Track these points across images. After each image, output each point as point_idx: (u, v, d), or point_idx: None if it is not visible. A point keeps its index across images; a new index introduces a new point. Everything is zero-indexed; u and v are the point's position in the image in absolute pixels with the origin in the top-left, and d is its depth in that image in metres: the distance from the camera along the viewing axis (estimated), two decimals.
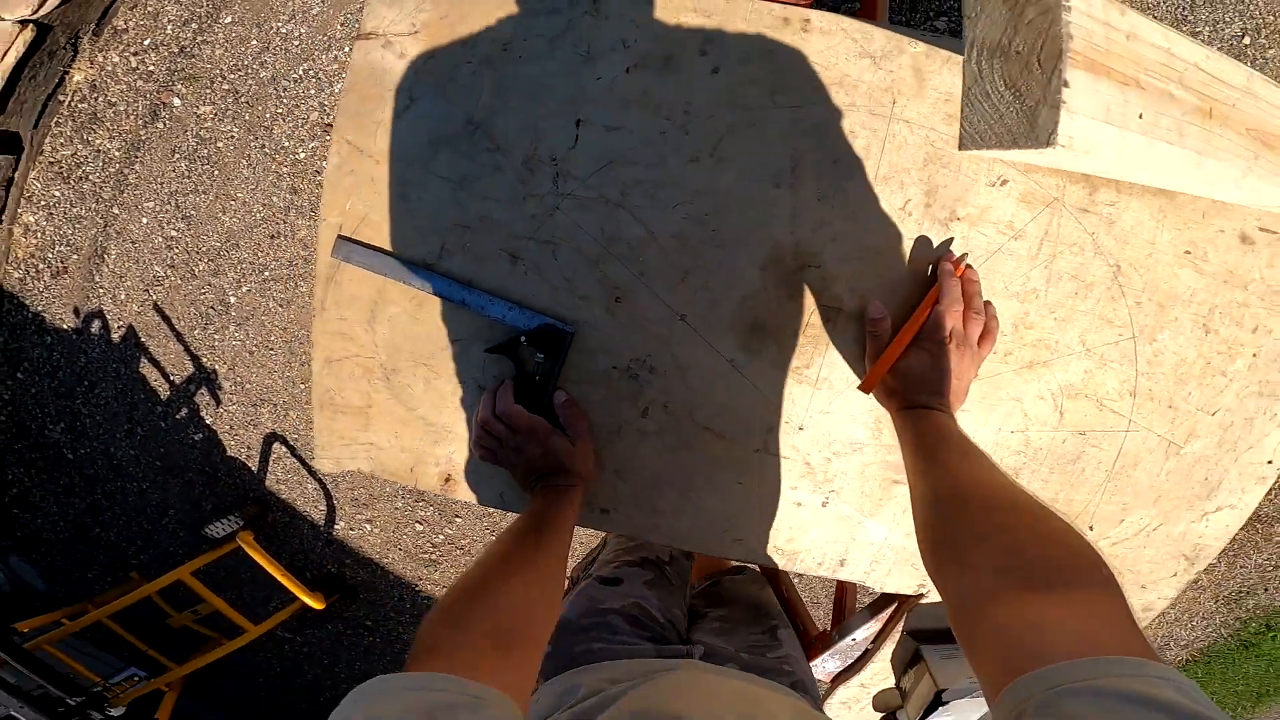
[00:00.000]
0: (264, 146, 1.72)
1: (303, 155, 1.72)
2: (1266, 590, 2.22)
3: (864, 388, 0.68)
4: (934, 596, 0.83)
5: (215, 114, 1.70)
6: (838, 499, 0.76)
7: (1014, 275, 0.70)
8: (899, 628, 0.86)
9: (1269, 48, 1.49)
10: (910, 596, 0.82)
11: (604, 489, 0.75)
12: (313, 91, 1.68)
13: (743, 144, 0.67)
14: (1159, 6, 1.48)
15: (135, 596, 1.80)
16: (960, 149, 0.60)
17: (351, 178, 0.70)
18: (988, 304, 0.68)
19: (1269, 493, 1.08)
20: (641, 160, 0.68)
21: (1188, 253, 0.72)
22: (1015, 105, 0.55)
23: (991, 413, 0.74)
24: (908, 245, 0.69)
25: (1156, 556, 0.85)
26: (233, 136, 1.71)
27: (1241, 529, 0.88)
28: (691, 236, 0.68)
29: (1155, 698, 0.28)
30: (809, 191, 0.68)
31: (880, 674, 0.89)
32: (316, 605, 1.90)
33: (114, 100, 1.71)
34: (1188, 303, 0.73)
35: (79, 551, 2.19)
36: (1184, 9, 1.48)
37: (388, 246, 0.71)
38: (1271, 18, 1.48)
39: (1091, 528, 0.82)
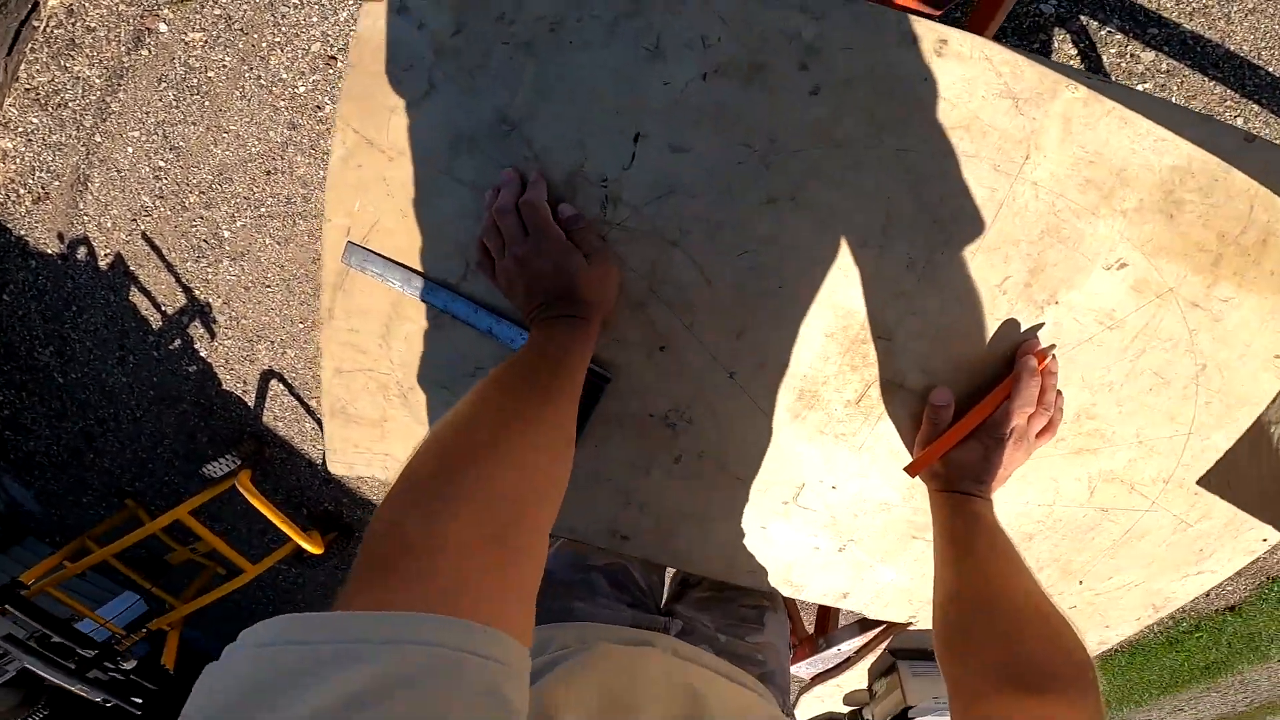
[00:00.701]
0: (259, 78, 1.40)
1: (302, 89, 1.41)
2: (1206, 596, 2.22)
3: (911, 470, 0.55)
4: (923, 624, 0.79)
5: (205, 41, 1.37)
6: (855, 547, 0.69)
7: (1095, 367, 0.58)
8: (882, 645, 0.85)
9: None
10: (900, 623, 0.80)
11: (627, 519, 0.66)
12: (315, 19, 1.34)
13: (831, 189, 0.49)
14: None
15: (136, 536, 1.61)
16: (1199, 483, 0.46)
17: (359, 174, 0.53)
18: (1058, 395, 0.57)
19: None
20: (707, 193, 0.50)
21: (1277, 357, 0.60)
22: None
23: (1026, 488, 0.65)
24: (992, 328, 0.54)
25: (1129, 605, 0.82)
26: (225, 66, 1.39)
27: None
28: (752, 289, 0.52)
29: None
30: (898, 254, 0.52)
31: (856, 675, 0.89)
32: (314, 549, 1.72)
33: (93, 25, 1.37)
34: (1256, 405, 0.62)
35: (73, 476, 2.01)
36: None
37: (403, 259, 0.55)
38: None
39: (1081, 582, 0.78)
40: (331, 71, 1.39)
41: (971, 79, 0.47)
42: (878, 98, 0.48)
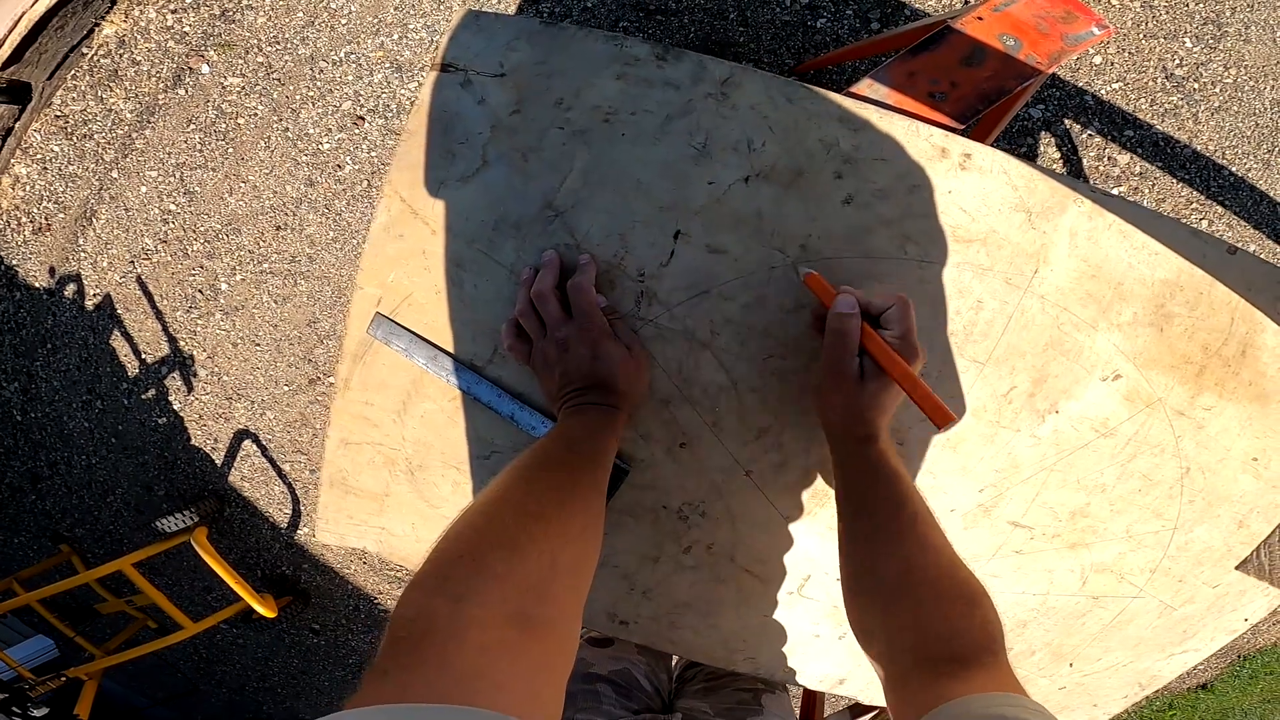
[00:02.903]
0: (287, 130, 1.42)
1: (326, 146, 1.43)
2: (1179, 677, 2.32)
3: (940, 419, 0.46)
4: None
5: (243, 87, 1.39)
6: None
7: (1089, 470, 0.63)
8: None
9: None
10: None
11: (629, 605, 0.67)
12: (350, 78, 1.37)
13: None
14: (1265, 113, 1.32)
15: (70, 584, 1.53)
16: (1238, 569, 0.51)
17: (400, 244, 0.54)
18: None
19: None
20: (740, 297, 0.54)
21: (1255, 460, 0.67)
22: None
23: (1021, 579, 0.70)
24: (997, 434, 0.58)
25: (1116, 684, 0.87)
26: (256, 114, 1.41)
27: None
28: (775, 394, 0.55)
29: (1011, 715, 0.35)
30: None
31: None
32: (268, 613, 1.64)
33: (139, 59, 1.38)
34: (1235, 503, 0.69)
35: (9, 515, 1.91)
36: None
37: (433, 336, 0.57)
38: None
39: (1071, 664, 0.83)
40: (357, 132, 1.42)
41: (989, 192, 0.53)
42: (905, 209, 0.52)
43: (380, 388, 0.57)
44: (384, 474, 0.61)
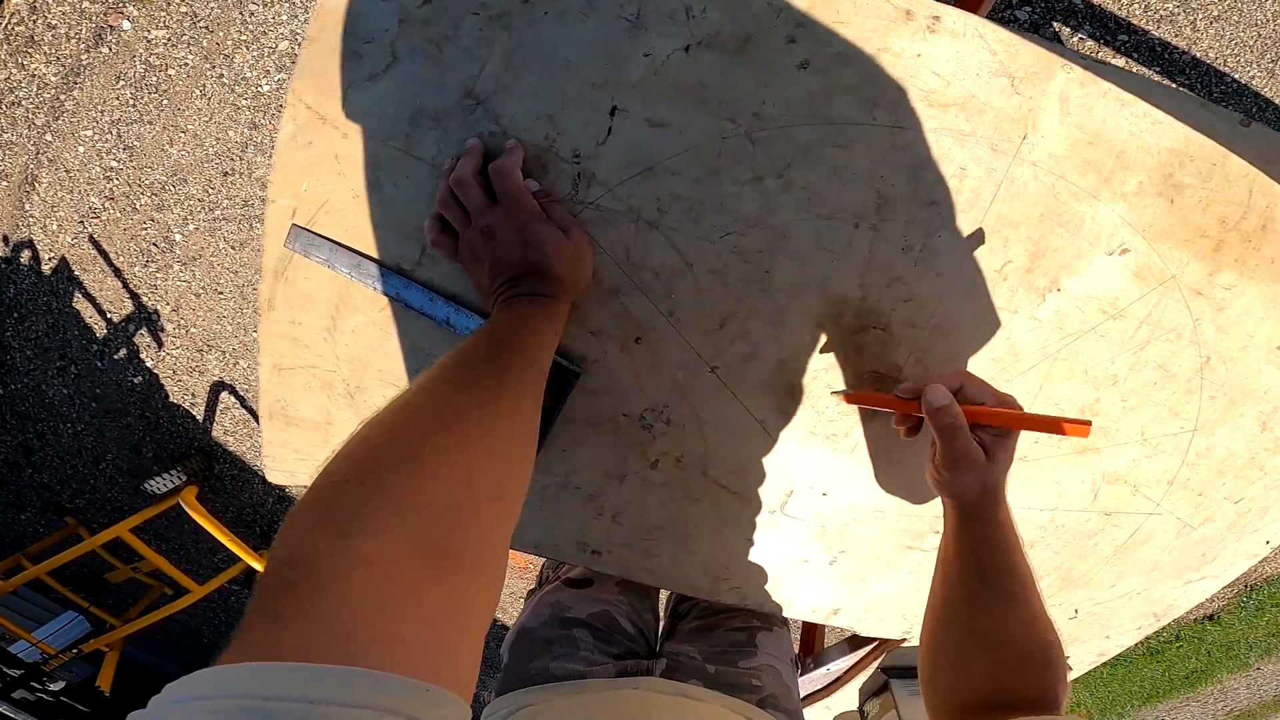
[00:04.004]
0: (222, 76, 1.37)
1: (266, 88, 1.38)
2: None
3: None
4: (916, 640, 0.77)
5: (169, 39, 1.34)
6: (846, 558, 0.67)
7: (1098, 359, 0.56)
8: (874, 664, 0.82)
9: None
10: (893, 640, 0.77)
11: (598, 530, 0.63)
12: (284, 17, 1.32)
13: (822, 168, 0.48)
14: (1268, 24, 1.23)
15: (73, 554, 1.56)
16: None
17: (310, 151, 0.49)
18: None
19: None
20: (688, 171, 0.48)
21: (1279, 348, 0.60)
22: None
23: (1028, 492, 0.64)
24: (994, 316, 0.53)
25: (1130, 614, 0.81)
26: (187, 64, 1.36)
27: None
28: (737, 275, 0.50)
29: None
30: (892, 238, 0.50)
31: (846, 696, 0.86)
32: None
33: (54, 23, 1.34)
34: (1259, 400, 0.62)
35: (11, 492, 1.93)
36: None
37: (354, 243, 0.52)
38: None
39: (1082, 591, 0.76)
40: None
41: (965, 57, 0.46)
42: (870, 74, 0.46)
43: (306, 304, 0.52)
44: (323, 399, 0.56)
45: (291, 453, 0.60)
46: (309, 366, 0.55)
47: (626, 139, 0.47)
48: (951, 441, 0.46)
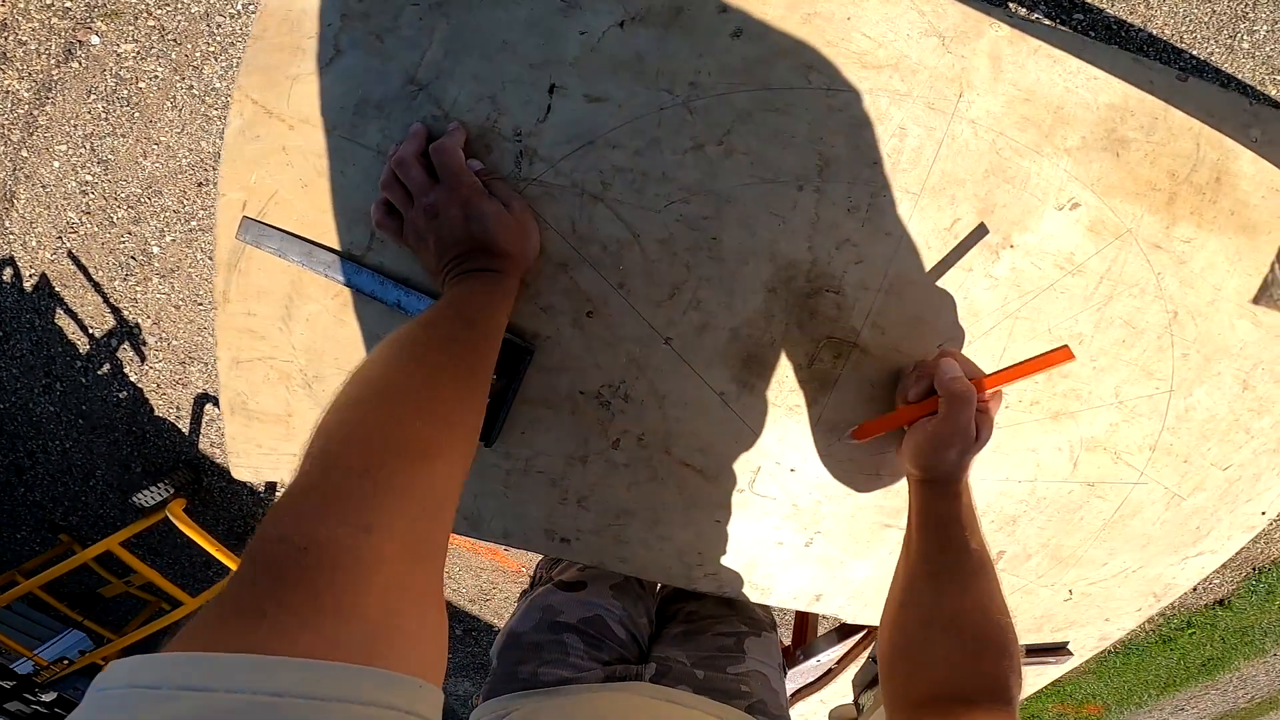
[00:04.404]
0: (192, 88, 1.40)
1: None
2: (1195, 591, 2.21)
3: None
4: None
5: (138, 52, 1.38)
6: (823, 540, 0.65)
7: (1061, 317, 0.56)
8: (865, 653, 0.79)
9: None
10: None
11: (565, 517, 0.62)
12: (251, 28, 1.37)
13: (761, 132, 0.48)
14: (1220, 1, 1.26)
15: (65, 567, 1.57)
16: (1255, 301, 0.45)
17: (257, 145, 0.50)
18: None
19: None
20: (629, 144, 0.48)
21: (1253, 301, 0.59)
22: None
23: (1003, 462, 0.62)
24: (947, 274, 0.53)
25: (1128, 594, 0.77)
26: (157, 76, 1.40)
27: None
28: (684, 244, 0.50)
29: None
30: (837, 199, 0.51)
31: (839, 689, 0.82)
32: None
33: (24, 39, 1.38)
34: (1235, 357, 0.60)
35: (5, 511, 1.95)
36: (1247, 5, 1.27)
37: (305, 231, 0.52)
38: None
39: (1074, 569, 0.74)
40: None
41: (894, 18, 0.47)
42: (802, 38, 0.47)
43: (260, 295, 0.53)
44: (282, 391, 0.56)
45: (255, 447, 0.59)
46: (266, 358, 0.55)
47: (567, 115, 0.48)
48: (960, 412, 0.47)
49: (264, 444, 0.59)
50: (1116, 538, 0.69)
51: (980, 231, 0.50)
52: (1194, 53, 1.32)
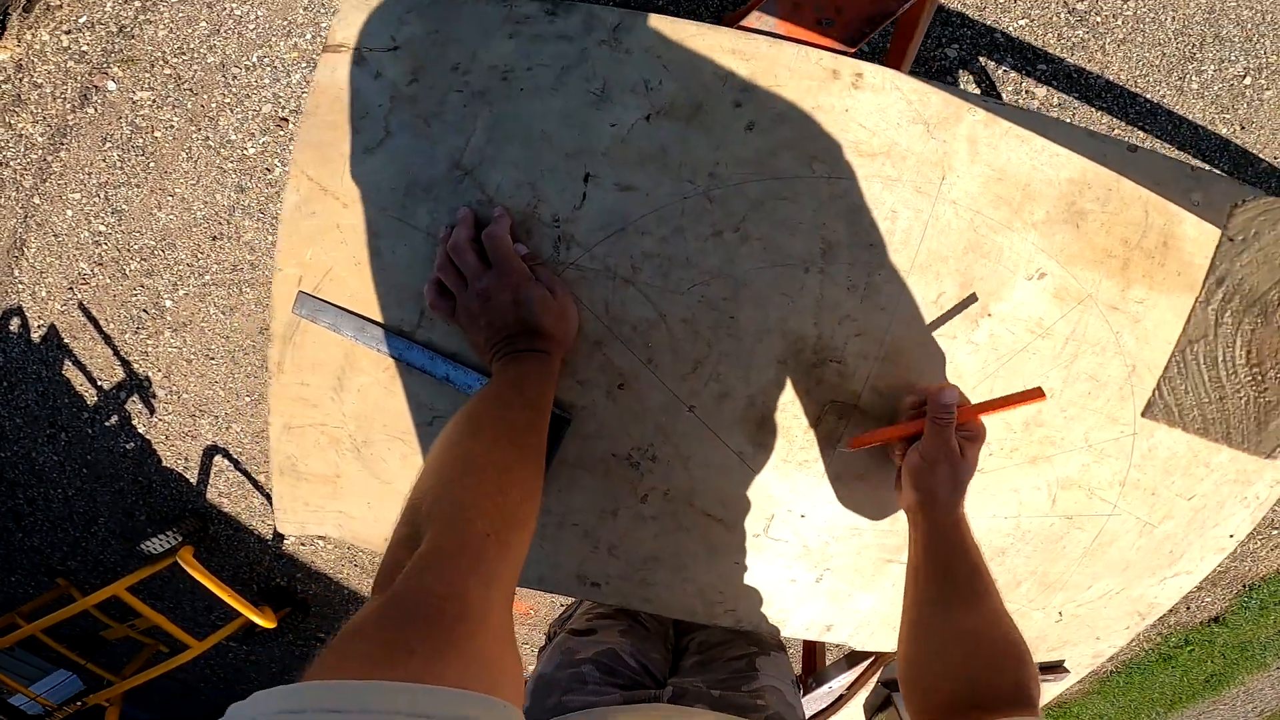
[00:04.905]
0: (208, 139, 1.41)
1: (251, 150, 1.42)
2: (1188, 609, 2.28)
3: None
4: None
5: (154, 100, 1.39)
6: (831, 576, 0.70)
7: (1034, 375, 0.62)
8: (874, 678, 0.84)
9: (1267, 88, 1.40)
10: (889, 653, 0.79)
11: (596, 564, 0.66)
12: (266, 81, 1.37)
13: (772, 219, 0.54)
14: (1170, 43, 1.36)
15: (69, 611, 1.57)
16: (1144, 415, 0.50)
17: (313, 221, 0.55)
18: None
19: None
20: (656, 230, 0.55)
21: None
22: (1247, 391, 0.39)
23: (990, 501, 0.68)
24: (935, 342, 0.58)
25: (1114, 614, 0.84)
26: (172, 126, 1.40)
27: None
28: (705, 323, 0.55)
29: None
30: (838, 279, 0.57)
31: (852, 714, 0.87)
32: (267, 624, 1.69)
33: (40, 82, 1.38)
34: None
35: (0, 555, 1.93)
36: (1194, 46, 1.37)
37: (357, 307, 0.57)
38: (1275, 58, 1.37)
39: (1061, 593, 0.80)
40: (282, 134, 1.42)
41: (885, 108, 0.54)
42: (806, 131, 0.53)
43: (313, 367, 0.57)
44: (331, 455, 0.60)
45: (302, 505, 0.63)
46: (318, 425, 0.59)
47: (600, 203, 0.54)
48: (944, 429, 0.53)
49: (311, 502, 0.63)
50: (1098, 563, 0.76)
51: (970, 299, 0.57)
52: (1148, 96, 1.42)
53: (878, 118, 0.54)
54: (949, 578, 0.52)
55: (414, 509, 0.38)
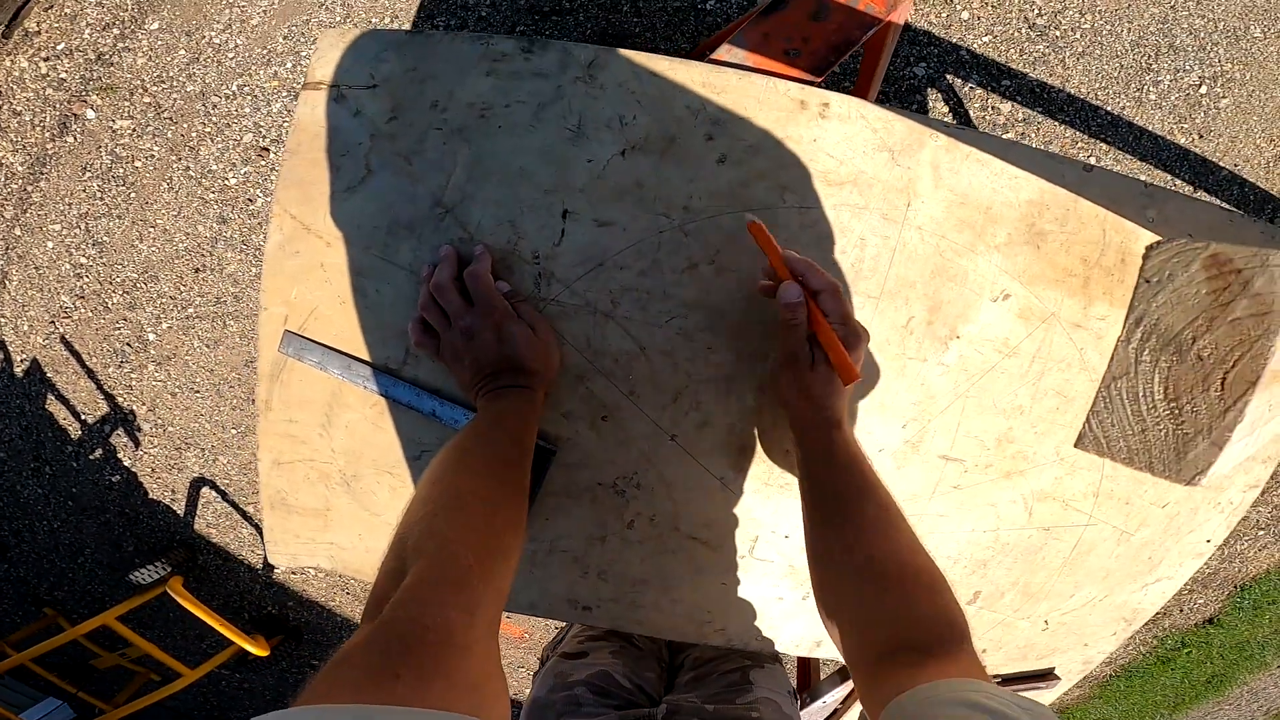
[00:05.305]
0: (188, 169, 1.41)
1: (233, 180, 1.42)
2: (1182, 611, 2.30)
3: (846, 375, 0.49)
4: None
5: (133, 129, 1.39)
6: None
7: (1003, 393, 0.64)
8: None
9: (1223, 96, 1.43)
10: None
11: (586, 588, 0.67)
12: (247, 110, 1.38)
13: (746, 251, 0.56)
14: (1127, 55, 1.40)
15: (59, 641, 1.56)
16: (1077, 446, 0.51)
17: (297, 260, 0.56)
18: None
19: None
20: (634, 265, 0.56)
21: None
22: (1166, 424, 0.41)
23: (967, 516, 0.70)
24: (905, 367, 0.60)
25: (1100, 621, 0.85)
26: (153, 155, 1.40)
27: None
28: (683, 354, 0.57)
29: (974, 700, 0.34)
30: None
31: None
32: (259, 652, 1.69)
33: (19, 109, 1.38)
34: None
35: None
36: (1149, 57, 1.40)
37: (343, 346, 0.58)
38: (1229, 65, 1.41)
39: (1045, 603, 0.81)
40: (263, 163, 1.42)
41: (851, 136, 0.56)
42: (777, 161, 0.55)
43: (301, 404, 0.58)
44: (321, 489, 0.61)
45: (293, 537, 0.64)
46: (306, 460, 0.60)
47: (578, 239, 0.55)
48: (786, 339, 0.50)
49: (301, 534, 0.63)
50: (1078, 572, 0.77)
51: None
52: (1108, 108, 1.45)
53: (845, 146, 0.56)
54: (832, 497, 0.49)
55: (400, 542, 0.39)
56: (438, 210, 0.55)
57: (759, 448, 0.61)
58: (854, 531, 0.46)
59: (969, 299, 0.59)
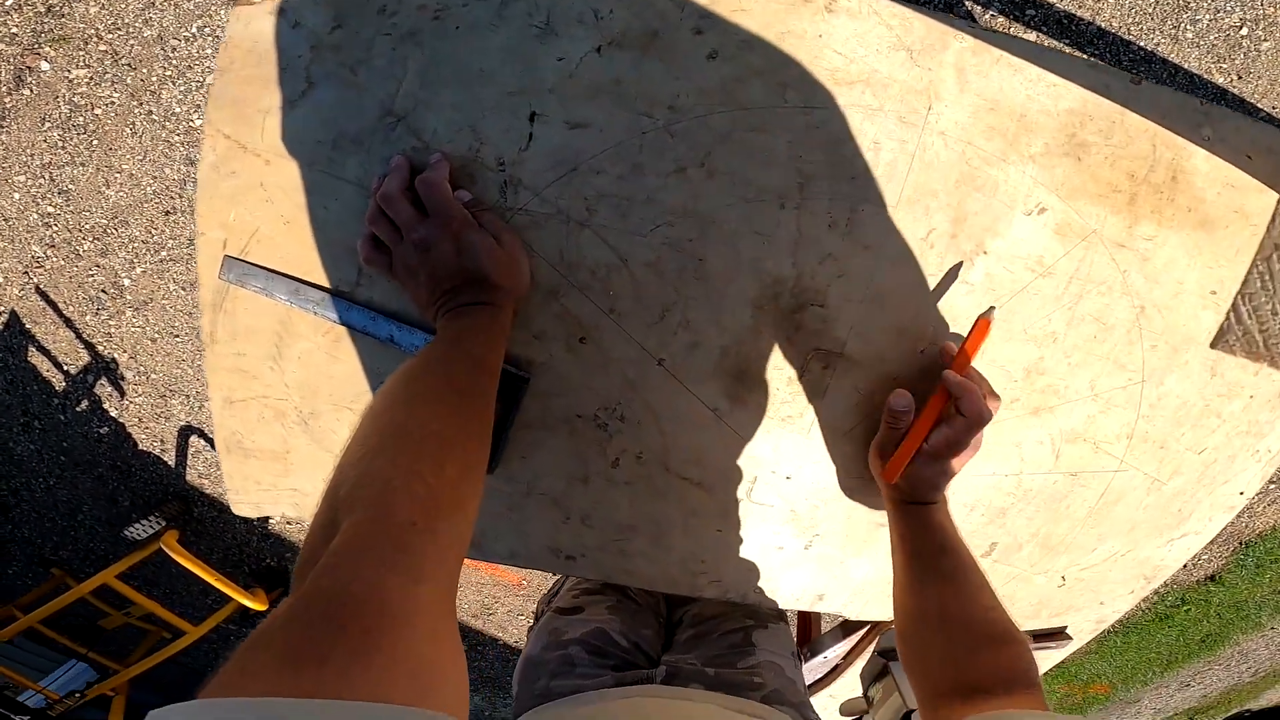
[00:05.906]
0: (151, 113, 1.37)
1: (198, 122, 1.38)
2: (1185, 567, 2.26)
3: (888, 475, 0.53)
4: None
5: (91, 78, 1.35)
6: (821, 541, 0.66)
7: (1035, 317, 0.58)
8: (870, 647, 0.80)
9: (1264, 39, 1.34)
10: (885, 622, 0.76)
11: (569, 535, 0.62)
12: (209, 51, 1.33)
13: (741, 153, 0.49)
14: None
15: (63, 601, 1.56)
16: (1214, 346, 0.46)
17: (233, 180, 0.50)
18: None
19: None
20: (612, 169, 0.50)
21: (1213, 293, 0.60)
22: None
23: (989, 459, 0.64)
24: (926, 283, 0.55)
25: (1120, 577, 0.80)
26: (113, 102, 1.37)
27: None
28: (671, 266, 0.51)
29: None
30: (818, 215, 0.52)
31: (848, 683, 0.84)
32: (258, 606, 1.68)
33: None
34: (1201, 345, 0.62)
35: None
36: None
37: (290, 269, 0.52)
38: (1272, 9, 1.31)
39: (1065, 556, 0.76)
40: None
41: (864, 34, 0.48)
42: (776, 58, 0.48)
43: (248, 335, 0.52)
44: (278, 429, 0.56)
45: (254, 484, 0.59)
46: (259, 397, 0.55)
47: (548, 142, 0.49)
48: (885, 433, 0.53)
49: (262, 481, 0.59)
50: (1103, 524, 0.72)
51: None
52: (1142, 44, 1.36)
53: (855, 44, 0.49)
54: (917, 559, 0.51)
55: (333, 491, 0.33)
56: (388, 119, 0.48)
57: (757, 375, 0.55)
58: (938, 586, 0.49)
59: (999, 211, 0.52)
